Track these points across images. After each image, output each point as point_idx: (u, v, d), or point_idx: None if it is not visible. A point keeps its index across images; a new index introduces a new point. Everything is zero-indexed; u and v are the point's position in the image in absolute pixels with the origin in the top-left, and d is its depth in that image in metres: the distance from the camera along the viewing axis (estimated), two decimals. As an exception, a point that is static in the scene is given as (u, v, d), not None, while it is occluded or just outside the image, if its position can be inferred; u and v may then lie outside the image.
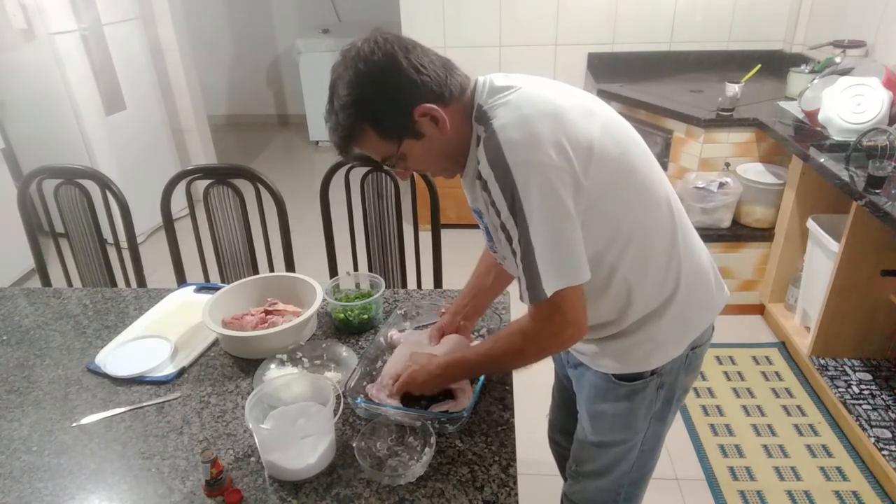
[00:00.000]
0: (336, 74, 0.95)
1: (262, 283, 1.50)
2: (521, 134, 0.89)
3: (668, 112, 2.73)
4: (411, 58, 0.92)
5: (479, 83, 0.99)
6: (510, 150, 0.88)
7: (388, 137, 0.97)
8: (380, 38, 0.93)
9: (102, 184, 1.83)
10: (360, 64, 0.92)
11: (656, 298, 1.05)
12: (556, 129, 0.89)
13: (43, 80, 3.22)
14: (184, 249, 1.94)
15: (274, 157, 5.32)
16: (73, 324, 1.51)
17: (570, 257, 0.91)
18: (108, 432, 1.15)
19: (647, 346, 1.08)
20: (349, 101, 0.93)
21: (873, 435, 1.97)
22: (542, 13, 3.37)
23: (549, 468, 1.63)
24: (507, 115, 0.91)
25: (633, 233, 0.99)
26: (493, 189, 0.91)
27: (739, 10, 3.29)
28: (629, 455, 1.20)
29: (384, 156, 1.00)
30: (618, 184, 0.95)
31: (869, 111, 2.18)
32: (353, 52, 0.93)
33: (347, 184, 1.86)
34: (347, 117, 0.94)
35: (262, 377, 1.23)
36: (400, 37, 0.95)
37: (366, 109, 0.94)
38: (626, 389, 1.11)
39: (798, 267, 2.55)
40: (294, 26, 5.65)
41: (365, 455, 1.05)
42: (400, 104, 0.93)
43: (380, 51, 0.92)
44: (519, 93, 0.94)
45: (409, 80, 0.92)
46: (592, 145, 0.91)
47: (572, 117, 0.92)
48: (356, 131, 0.96)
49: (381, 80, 0.92)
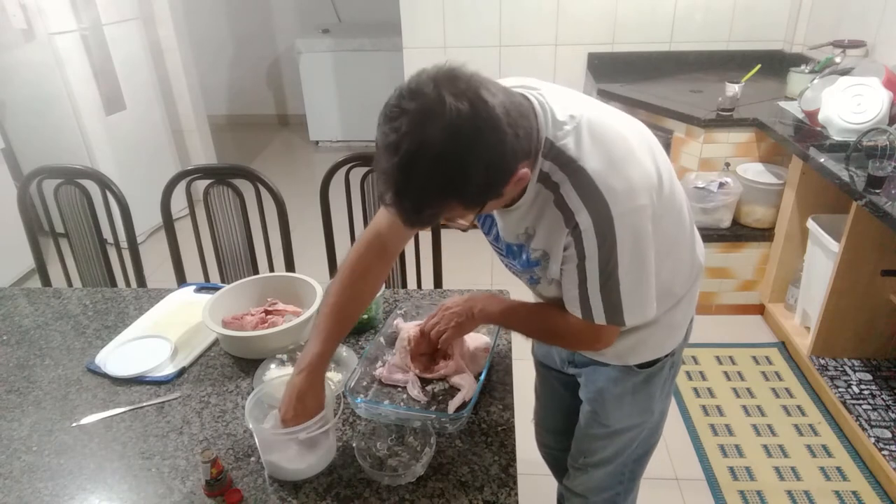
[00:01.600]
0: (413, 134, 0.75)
1: (262, 283, 1.50)
2: (619, 182, 0.86)
3: (668, 112, 2.73)
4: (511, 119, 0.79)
5: (538, 112, 0.88)
6: (613, 199, 0.85)
7: (472, 206, 0.84)
8: (471, 94, 0.76)
9: (102, 184, 1.83)
10: (453, 129, 0.74)
11: (680, 292, 1.10)
12: (638, 169, 0.89)
13: (43, 80, 3.22)
14: (184, 249, 1.94)
15: (274, 157, 5.31)
16: (73, 324, 1.51)
17: (649, 297, 0.96)
18: (108, 432, 1.15)
19: (665, 332, 1.12)
20: (437, 174, 0.77)
21: (873, 435, 1.97)
22: (542, 13, 3.37)
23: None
24: (595, 157, 0.86)
25: (678, 241, 1.03)
26: (588, 236, 0.88)
27: (739, 10, 3.28)
28: (640, 436, 1.23)
29: (465, 219, 0.91)
30: (668, 199, 0.96)
31: (869, 111, 2.18)
32: (440, 111, 0.74)
33: (347, 184, 1.86)
34: (433, 191, 0.79)
35: (262, 377, 1.23)
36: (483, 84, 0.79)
37: (458, 184, 0.78)
38: (644, 375, 1.15)
39: (798, 267, 2.55)
40: (294, 26, 5.65)
41: (365, 455, 1.05)
42: (499, 176, 0.81)
43: (479, 113, 0.75)
44: (588, 127, 0.88)
45: (510, 148, 0.80)
46: (660, 174, 0.92)
47: (641, 151, 0.91)
48: (439, 207, 0.81)
49: (482, 151, 0.77)
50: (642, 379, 1.15)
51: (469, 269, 3.29)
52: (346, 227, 1.93)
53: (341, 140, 5.33)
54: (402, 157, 0.75)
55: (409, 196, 0.79)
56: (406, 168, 0.76)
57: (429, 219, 0.83)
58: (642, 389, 1.16)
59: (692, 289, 1.13)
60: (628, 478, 1.30)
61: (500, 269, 3.65)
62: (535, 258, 1.01)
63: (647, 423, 1.21)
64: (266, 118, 6.15)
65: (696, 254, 1.12)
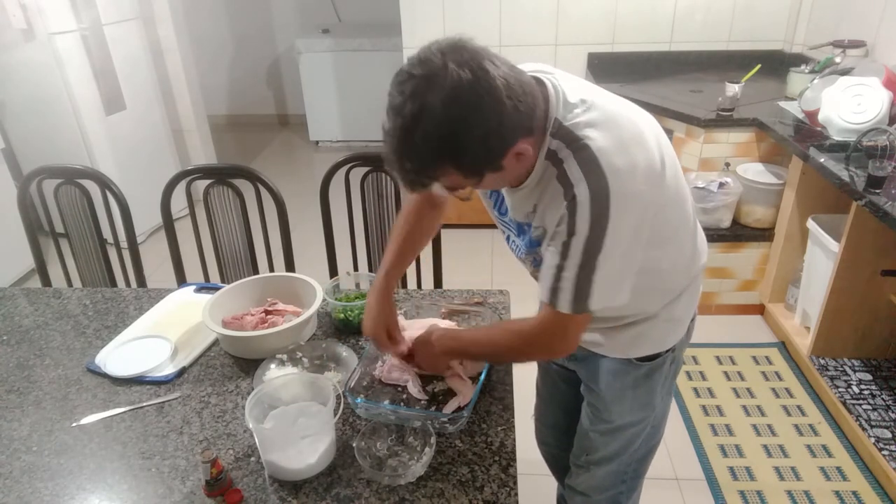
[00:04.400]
0: (416, 97, 0.79)
1: (262, 283, 1.50)
2: (623, 161, 0.86)
3: (668, 112, 2.73)
4: (512, 91, 0.81)
5: (550, 94, 0.90)
6: (614, 177, 0.85)
7: (469, 175, 0.87)
8: (474, 64, 0.79)
9: (102, 184, 1.83)
10: (454, 94, 0.78)
11: (680, 286, 1.09)
12: (644, 154, 0.89)
13: (43, 80, 3.22)
14: (184, 249, 1.94)
15: (274, 157, 5.31)
16: (73, 324, 1.51)
17: (623, 287, 0.94)
18: (108, 432, 1.15)
19: (666, 327, 1.12)
20: (435, 136, 0.80)
21: (873, 435, 1.97)
22: (542, 13, 3.37)
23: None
24: (603, 137, 0.87)
25: (677, 233, 1.03)
26: (582, 209, 0.86)
27: (739, 10, 3.28)
28: (643, 433, 1.23)
29: (457, 188, 0.92)
30: (673, 191, 0.96)
31: (869, 111, 2.18)
32: (442, 76, 0.78)
33: (347, 184, 1.86)
34: (431, 154, 0.83)
35: (262, 377, 1.23)
36: (488, 56, 0.82)
37: (456, 149, 0.82)
38: (645, 369, 1.15)
39: (798, 267, 2.55)
40: (294, 26, 5.65)
41: (365, 455, 1.05)
42: (496, 145, 0.84)
43: (479, 82, 0.79)
44: (599, 110, 0.90)
45: (509, 120, 0.82)
46: (664, 164, 0.92)
47: (649, 138, 0.91)
48: (437, 171, 0.85)
49: (480, 118, 0.80)
50: (643, 373, 1.15)
51: (469, 269, 3.29)
52: (346, 227, 1.94)
53: (341, 140, 5.33)
54: (404, 118, 0.80)
55: (409, 157, 0.84)
56: (407, 130, 0.81)
57: (426, 182, 0.87)
58: (643, 384, 1.16)
59: (693, 284, 1.13)
60: (631, 477, 1.30)
61: (500, 269, 3.66)
62: (535, 237, 1.02)
63: (648, 419, 1.21)
64: (266, 118, 6.15)
65: (698, 249, 1.11)
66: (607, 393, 1.20)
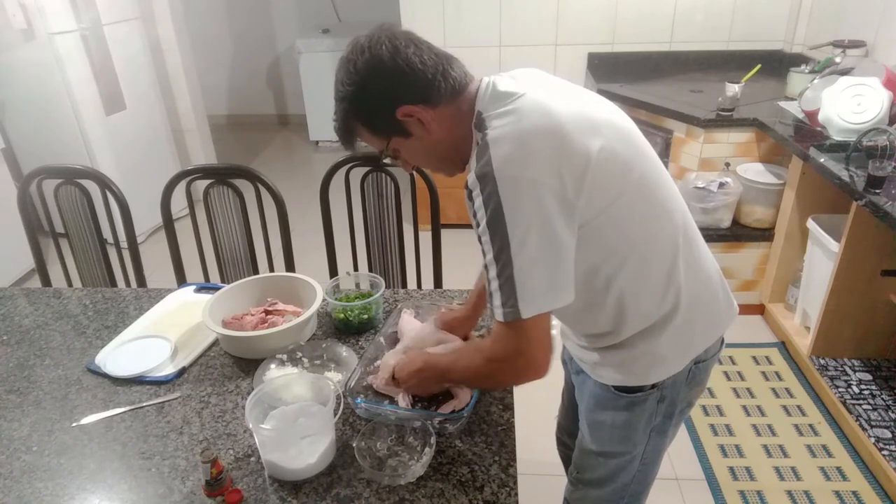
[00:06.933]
0: (337, 68, 0.99)
1: (262, 283, 1.50)
2: (514, 149, 0.86)
3: (668, 112, 2.73)
4: (399, 58, 0.92)
5: (481, 87, 0.97)
6: (500, 164, 0.85)
7: (377, 134, 1.01)
8: (374, 36, 0.94)
9: (102, 184, 1.83)
10: (352, 61, 0.95)
11: (655, 313, 1.01)
12: (551, 146, 0.87)
13: (43, 80, 3.22)
14: (184, 249, 1.94)
15: (274, 157, 5.32)
16: (73, 324, 1.51)
17: (556, 283, 0.88)
18: (108, 432, 1.15)
19: (647, 360, 1.05)
20: (340, 97, 0.98)
21: (873, 435, 1.97)
22: (542, 13, 3.37)
23: (549, 468, 1.63)
24: (503, 127, 0.89)
25: (634, 249, 0.96)
26: (477, 200, 0.88)
27: (739, 10, 3.29)
28: (630, 467, 1.18)
29: (378, 149, 1.04)
30: (617, 202, 0.92)
31: (869, 111, 2.18)
32: (349, 48, 0.96)
33: (347, 184, 1.86)
34: (341, 112, 1.00)
35: (262, 377, 1.23)
36: (397, 33, 0.95)
37: (354, 106, 0.98)
38: (625, 401, 1.09)
39: (798, 267, 2.55)
40: (294, 26, 5.65)
41: (365, 455, 1.05)
42: (382, 104, 0.96)
43: (370, 49, 0.93)
44: (520, 102, 0.91)
45: (392, 81, 0.94)
46: (589, 164, 0.88)
47: (571, 133, 0.88)
48: (350, 126, 1.01)
49: (368, 78, 0.94)
50: (623, 405, 1.10)
51: (469, 269, 3.28)
52: (346, 227, 1.94)
53: (341, 140, 5.34)
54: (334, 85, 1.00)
55: (334, 115, 1.01)
56: (335, 93, 1.00)
57: (348, 138, 1.02)
58: (621, 417, 1.11)
59: (676, 321, 1.02)
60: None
61: (500, 269, 3.63)
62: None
63: (631, 454, 1.16)
64: (266, 118, 6.15)
65: (681, 283, 1.00)
66: (587, 416, 1.18)
